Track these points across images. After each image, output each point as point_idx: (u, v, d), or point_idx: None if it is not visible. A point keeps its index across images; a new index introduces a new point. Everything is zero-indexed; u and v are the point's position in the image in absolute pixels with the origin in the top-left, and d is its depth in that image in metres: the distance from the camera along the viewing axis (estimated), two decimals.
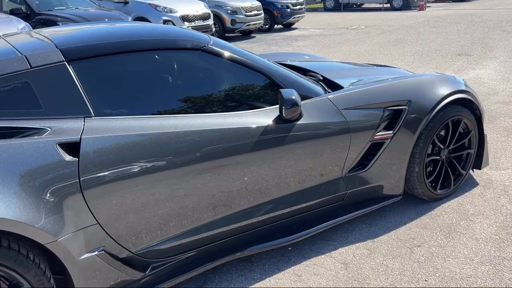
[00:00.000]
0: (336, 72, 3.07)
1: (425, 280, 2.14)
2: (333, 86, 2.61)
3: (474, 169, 3.07)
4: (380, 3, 20.77)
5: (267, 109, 2.19)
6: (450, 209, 2.76)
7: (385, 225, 2.62)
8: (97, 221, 1.72)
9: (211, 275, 2.22)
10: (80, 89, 1.82)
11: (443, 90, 2.69)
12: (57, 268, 1.70)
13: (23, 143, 1.62)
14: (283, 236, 2.28)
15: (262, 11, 12.19)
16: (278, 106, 2.16)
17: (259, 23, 12.20)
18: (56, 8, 8.59)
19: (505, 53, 7.77)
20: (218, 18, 11.25)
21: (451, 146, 2.83)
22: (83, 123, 1.75)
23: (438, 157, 2.78)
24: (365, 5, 22.85)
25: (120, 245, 1.81)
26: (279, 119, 2.14)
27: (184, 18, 9.77)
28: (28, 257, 1.55)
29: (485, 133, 2.95)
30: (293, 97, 2.07)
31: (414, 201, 2.83)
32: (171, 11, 9.67)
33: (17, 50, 1.91)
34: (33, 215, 1.53)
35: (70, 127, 1.72)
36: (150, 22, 9.48)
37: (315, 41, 10.62)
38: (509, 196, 2.86)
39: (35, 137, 1.65)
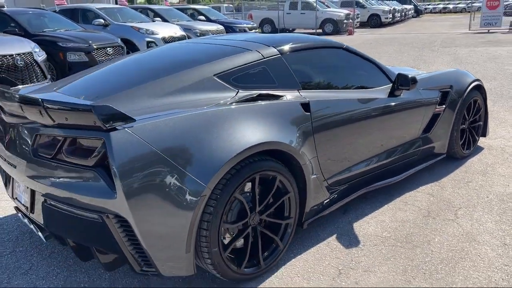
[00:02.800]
0: (395, 69, 4.18)
1: (487, 197, 3.30)
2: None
3: (481, 137, 4.35)
4: (313, 29, 22.79)
5: (383, 87, 3.26)
6: (476, 162, 4.00)
7: (442, 173, 3.77)
8: (316, 154, 2.64)
9: (352, 203, 3.18)
10: (292, 72, 2.76)
11: (468, 79, 3.95)
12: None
13: (281, 103, 2.52)
14: (391, 177, 3.32)
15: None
16: (386, 86, 3.24)
17: None
18: (45, 30, 8.95)
19: (445, 65, 9.58)
20: None
21: (471, 119, 4.08)
22: (299, 93, 2.69)
23: (464, 126, 4.00)
24: (297, 30, 24.78)
25: (322, 173, 2.73)
26: (390, 94, 3.21)
27: (165, 40, 10.55)
28: (291, 170, 2.44)
29: (488, 110, 4.26)
30: (412, 75, 3.16)
31: (449, 161, 4.00)
32: (153, 33, 10.41)
33: (240, 47, 2.79)
34: (295, 147, 2.42)
35: (295, 95, 2.65)
36: (134, 43, 10.15)
37: None
38: (508, 153, 4.17)
39: (284, 99, 2.56)
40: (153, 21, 11.68)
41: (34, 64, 7.10)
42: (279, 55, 2.78)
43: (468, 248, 2.63)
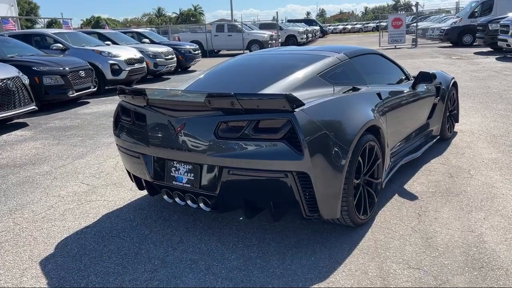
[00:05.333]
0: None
1: (482, 161, 4.42)
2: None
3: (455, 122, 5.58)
4: (240, 49, 24.00)
5: (405, 83, 4.26)
6: (459, 141, 5.18)
7: (440, 150, 4.86)
8: (387, 130, 3.52)
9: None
10: (360, 72, 3.65)
11: (449, 77, 5.15)
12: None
13: (365, 92, 3.38)
14: (414, 153, 4.30)
15: (174, 55, 13.83)
16: (409, 81, 4.26)
17: (174, 65, 13.80)
18: (12, 55, 8.91)
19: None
20: None
21: (450, 108, 5.28)
22: (367, 86, 3.58)
23: (449, 113, 5.18)
24: (224, 51, 25.84)
25: (388, 145, 3.61)
26: (411, 88, 4.22)
27: (128, 62, 10.89)
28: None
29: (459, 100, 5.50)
30: (433, 73, 4.18)
31: (439, 143, 5.12)
32: (115, 55, 10.69)
33: (318, 54, 3.61)
34: (381, 124, 3.27)
35: (366, 88, 3.53)
36: (98, 66, 10.38)
37: None
38: (477, 133, 5.43)
39: (364, 90, 3.42)
40: (108, 44, 11.89)
41: (23, 88, 7.22)
42: (349, 59, 3.66)
43: (493, 191, 3.67)
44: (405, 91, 4.05)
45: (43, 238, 3.23)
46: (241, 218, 3.33)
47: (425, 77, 4.15)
